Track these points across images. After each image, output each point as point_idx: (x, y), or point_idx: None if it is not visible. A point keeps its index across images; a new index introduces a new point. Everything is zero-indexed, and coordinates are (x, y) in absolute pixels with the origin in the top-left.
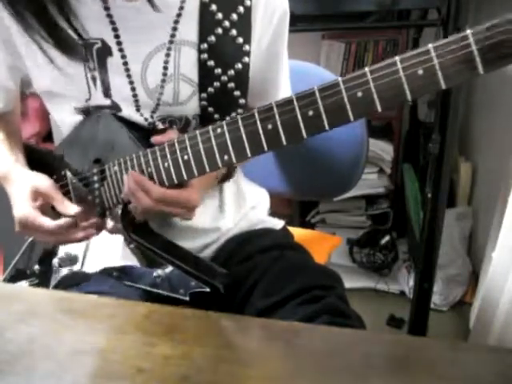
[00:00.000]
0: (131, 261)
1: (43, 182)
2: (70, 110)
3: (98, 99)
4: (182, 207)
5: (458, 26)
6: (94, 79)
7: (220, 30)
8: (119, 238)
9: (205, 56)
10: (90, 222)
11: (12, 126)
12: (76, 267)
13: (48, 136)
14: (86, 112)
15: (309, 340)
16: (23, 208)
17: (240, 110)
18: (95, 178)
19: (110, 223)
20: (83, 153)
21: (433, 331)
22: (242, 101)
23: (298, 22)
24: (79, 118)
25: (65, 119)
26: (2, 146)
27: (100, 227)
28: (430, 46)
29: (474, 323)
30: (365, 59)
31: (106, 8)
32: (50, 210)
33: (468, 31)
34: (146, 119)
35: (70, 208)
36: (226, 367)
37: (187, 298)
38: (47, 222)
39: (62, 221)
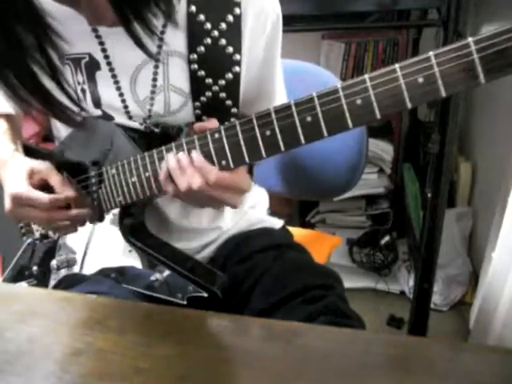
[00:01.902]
0: (132, 262)
1: (40, 163)
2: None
3: (89, 111)
4: (233, 192)
5: (458, 27)
6: (83, 92)
7: (209, 40)
8: (119, 241)
9: (195, 66)
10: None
11: (14, 123)
12: (74, 269)
13: (48, 136)
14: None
15: (309, 340)
16: (18, 185)
17: (233, 119)
18: (93, 180)
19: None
20: (81, 155)
21: (433, 331)
22: (234, 110)
23: (298, 22)
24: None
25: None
26: (4, 137)
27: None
28: (431, 53)
29: (473, 323)
30: (365, 59)
31: (91, 23)
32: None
33: (469, 39)
34: (140, 124)
35: (68, 190)
36: (226, 367)
37: (185, 302)
38: (42, 195)
39: (57, 195)
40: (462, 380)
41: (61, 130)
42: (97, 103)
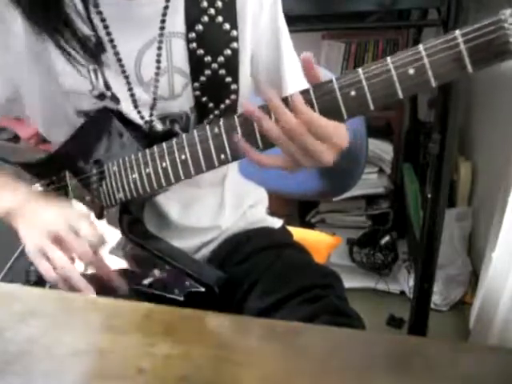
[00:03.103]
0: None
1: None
2: (71, 115)
3: (100, 89)
4: (327, 142)
5: (458, 27)
6: (95, 71)
7: (206, 18)
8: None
9: (194, 45)
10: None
11: None
12: None
13: None
14: (87, 115)
15: (309, 340)
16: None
17: (233, 96)
18: (94, 178)
19: None
20: (83, 154)
21: (433, 331)
22: (234, 86)
23: (298, 22)
24: (80, 121)
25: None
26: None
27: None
28: (421, 45)
29: (473, 323)
30: (365, 59)
31: (96, 5)
32: None
33: (457, 32)
34: (142, 117)
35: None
36: (226, 367)
37: (182, 298)
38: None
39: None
40: (462, 380)
41: (53, 136)
42: (106, 83)
